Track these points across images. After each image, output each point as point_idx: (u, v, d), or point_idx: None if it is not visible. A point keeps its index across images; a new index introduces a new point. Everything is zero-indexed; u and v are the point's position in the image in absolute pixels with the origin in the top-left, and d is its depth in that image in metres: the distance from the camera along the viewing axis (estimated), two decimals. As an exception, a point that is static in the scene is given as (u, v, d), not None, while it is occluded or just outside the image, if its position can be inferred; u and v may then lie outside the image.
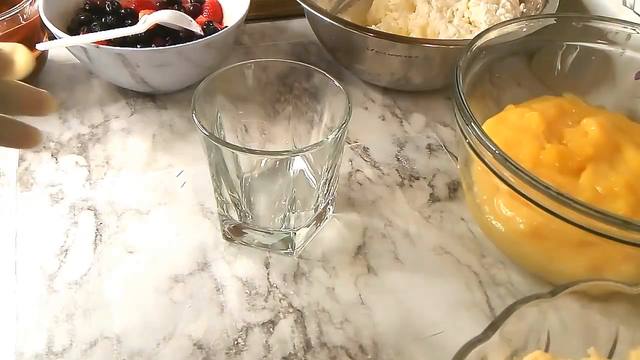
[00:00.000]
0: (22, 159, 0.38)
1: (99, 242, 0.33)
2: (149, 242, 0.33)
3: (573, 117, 0.33)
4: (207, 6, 0.45)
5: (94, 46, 0.37)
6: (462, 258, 0.33)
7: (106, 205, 0.35)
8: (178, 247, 0.33)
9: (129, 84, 0.42)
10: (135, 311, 0.30)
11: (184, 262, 0.32)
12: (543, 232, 0.29)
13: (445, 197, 0.37)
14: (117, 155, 0.39)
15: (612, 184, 0.29)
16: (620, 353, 0.24)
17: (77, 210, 0.35)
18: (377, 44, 0.40)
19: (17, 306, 0.30)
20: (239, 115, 0.33)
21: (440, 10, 0.45)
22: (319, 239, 0.34)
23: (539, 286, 0.32)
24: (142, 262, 0.32)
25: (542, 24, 0.37)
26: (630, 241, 0.25)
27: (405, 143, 0.41)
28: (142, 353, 0.28)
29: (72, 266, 0.32)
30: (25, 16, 0.39)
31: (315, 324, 0.30)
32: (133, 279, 0.31)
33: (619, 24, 0.36)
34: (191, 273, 0.32)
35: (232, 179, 0.31)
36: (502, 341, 0.22)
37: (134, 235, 0.33)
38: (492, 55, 0.35)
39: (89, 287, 0.31)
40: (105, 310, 0.30)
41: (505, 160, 0.27)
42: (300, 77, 0.32)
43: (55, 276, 0.31)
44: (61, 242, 0.33)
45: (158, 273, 0.31)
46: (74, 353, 0.28)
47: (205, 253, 0.33)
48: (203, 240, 0.33)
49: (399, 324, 0.30)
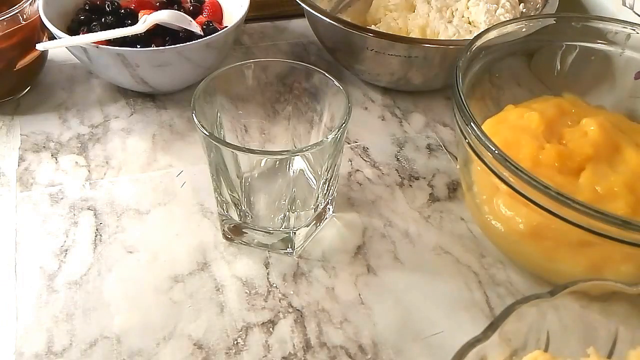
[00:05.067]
0: (22, 159, 0.38)
1: (99, 242, 0.33)
2: (148, 242, 0.33)
3: (572, 117, 0.33)
4: (207, 6, 0.45)
5: (94, 46, 0.37)
6: (461, 258, 0.33)
7: (106, 205, 0.35)
8: (178, 247, 0.33)
9: (129, 84, 0.42)
10: (135, 311, 0.30)
11: (184, 262, 0.32)
12: (542, 232, 0.29)
13: (444, 197, 0.37)
14: (117, 155, 0.39)
15: (611, 183, 0.29)
16: (619, 353, 0.24)
17: (77, 210, 0.35)
18: (377, 44, 0.40)
19: (17, 306, 0.30)
20: (238, 115, 0.33)
21: (440, 10, 0.45)
22: (319, 238, 0.34)
23: (539, 286, 0.32)
24: (142, 262, 0.32)
25: (542, 24, 0.37)
26: (629, 241, 0.25)
27: (405, 143, 0.41)
28: (141, 353, 0.28)
29: (72, 266, 0.32)
30: (25, 16, 0.39)
31: (315, 323, 0.30)
32: (133, 278, 0.31)
33: (618, 24, 0.36)
34: (191, 273, 0.32)
35: (232, 178, 0.31)
36: (502, 341, 0.22)
37: (134, 235, 0.33)
38: (492, 55, 0.35)
39: (88, 287, 0.31)
40: (105, 310, 0.30)
41: (505, 160, 0.27)
42: (300, 77, 0.32)
43: (55, 276, 0.31)
44: (61, 242, 0.33)
45: (158, 273, 0.31)
46: (74, 353, 0.28)
47: (205, 253, 0.33)
48: (203, 240, 0.33)
49: (399, 324, 0.30)
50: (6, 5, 0.39)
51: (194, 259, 0.32)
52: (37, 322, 0.29)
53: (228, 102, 0.32)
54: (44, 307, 0.30)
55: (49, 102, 0.43)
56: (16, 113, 0.42)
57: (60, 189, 0.36)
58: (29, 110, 0.42)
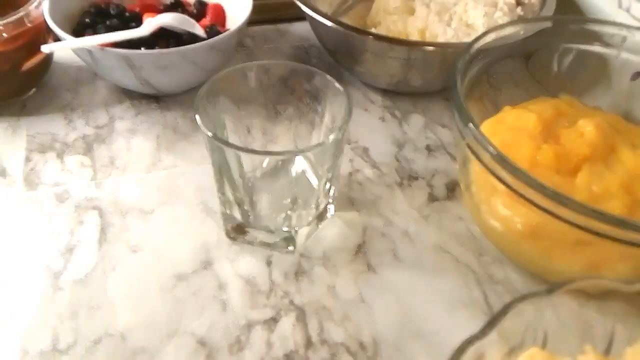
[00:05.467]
0: (28, 159, 0.38)
1: (104, 241, 0.33)
2: (152, 241, 0.33)
3: (569, 118, 0.33)
4: (210, 9, 0.45)
5: (99, 48, 0.38)
6: (460, 256, 0.33)
7: (111, 205, 0.35)
8: (181, 245, 0.33)
9: (134, 86, 0.42)
10: (139, 309, 0.30)
11: (187, 261, 0.32)
12: (540, 231, 0.29)
13: (443, 196, 0.37)
14: (122, 156, 0.39)
15: (608, 183, 0.29)
16: (616, 350, 0.24)
17: (82, 209, 0.35)
18: (377, 47, 0.40)
19: (22, 304, 0.30)
20: (241, 116, 0.34)
21: (439, 13, 0.45)
22: (320, 237, 0.34)
23: (537, 284, 0.32)
24: (146, 260, 0.32)
25: (539, 27, 0.37)
26: (626, 240, 0.25)
27: (404, 144, 0.41)
28: (146, 350, 0.28)
29: (77, 265, 0.32)
30: (31, 19, 0.40)
31: (316, 321, 0.30)
32: (137, 277, 0.31)
33: (614, 26, 0.37)
34: (194, 271, 0.32)
35: (235, 178, 0.31)
36: (500, 338, 0.22)
37: (138, 235, 0.34)
38: (490, 57, 0.36)
39: (93, 285, 0.31)
40: (110, 308, 0.30)
41: (503, 161, 0.27)
42: (302, 79, 0.33)
43: (60, 274, 0.31)
44: (66, 241, 0.33)
45: (162, 271, 0.32)
46: (79, 350, 0.28)
47: (208, 252, 0.33)
48: (206, 239, 0.34)
49: (398, 321, 0.30)
50: (12, 8, 0.39)
51: (198, 257, 0.33)
52: (43, 319, 0.29)
53: (231, 104, 0.33)
54: (49, 305, 0.30)
55: (54, 103, 0.43)
56: (22, 114, 0.42)
57: (65, 188, 0.36)
58: (34, 111, 0.42)
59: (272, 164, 0.33)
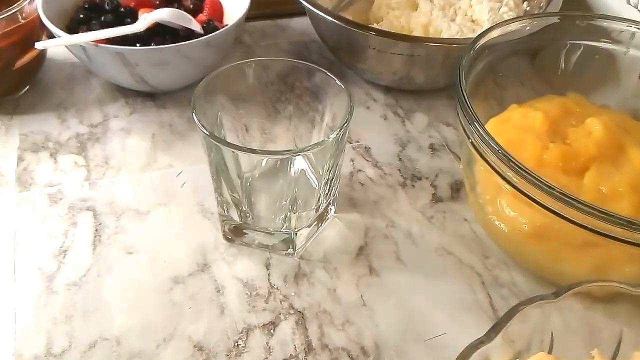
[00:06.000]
0: (21, 158, 0.38)
1: (98, 242, 0.33)
2: (148, 243, 0.33)
3: (577, 116, 0.33)
4: (208, 4, 0.45)
5: (93, 45, 0.37)
6: (464, 259, 0.33)
7: (105, 206, 0.35)
8: (178, 247, 0.33)
9: (129, 83, 0.41)
10: (134, 312, 0.29)
11: (184, 263, 0.32)
12: (546, 232, 0.29)
13: (447, 197, 0.37)
14: (117, 155, 0.39)
15: (616, 184, 0.29)
16: (624, 354, 0.24)
17: (76, 210, 0.35)
18: (379, 43, 0.40)
19: (15, 307, 0.30)
20: (239, 115, 0.33)
21: (443, 8, 0.45)
22: (320, 239, 0.34)
23: (542, 287, 0.31)
24: (141, 262, 0.32)
25: (546, 23, 0.37)
26: (634, 242, 0.25)
27: (407, 143, 0.41)
28: (141, 354, 0.28)
29: (71, 267, 0.31)
30: (24, 15, 0.39)
31: (317, 325, 0.29)
32: (132, 280, 0.31)
33: (623, 22, 0.36)
34: (191, 274, 0.31)
35: (233, 178, 0.30)
36: (505, 343, 0.22)
37: (134, 236, 0.33)
38: (495, 54, 0.35)
39: (88, 288, 0.30)
40: (105, 311, 0.29)
41: (509, 160, 0.27)
42: (302, 76, 0.32)
43: (54, 277, 0.31)
44: (60, 243, 0.33)
45: (158, 274, 0.31)
46: (73, 355, 0.28)
47: (205, 254, 0.33)
48: (203, 240, 0.33)
49: (401, 326, 0.30)
50: (5, 4, 0.38)
51: (194, 260, 0.32)
52: (36, 323, 0.29)
53: (229, 102, 0.32)
54: (43, 309, 0.29)
55: (48, 102, 0.42)
56: (15, 112, 0.41)
57: (59, 189, 0.36)
58: (27, 109, 0.42)
59: (271, 164, 0.33)
